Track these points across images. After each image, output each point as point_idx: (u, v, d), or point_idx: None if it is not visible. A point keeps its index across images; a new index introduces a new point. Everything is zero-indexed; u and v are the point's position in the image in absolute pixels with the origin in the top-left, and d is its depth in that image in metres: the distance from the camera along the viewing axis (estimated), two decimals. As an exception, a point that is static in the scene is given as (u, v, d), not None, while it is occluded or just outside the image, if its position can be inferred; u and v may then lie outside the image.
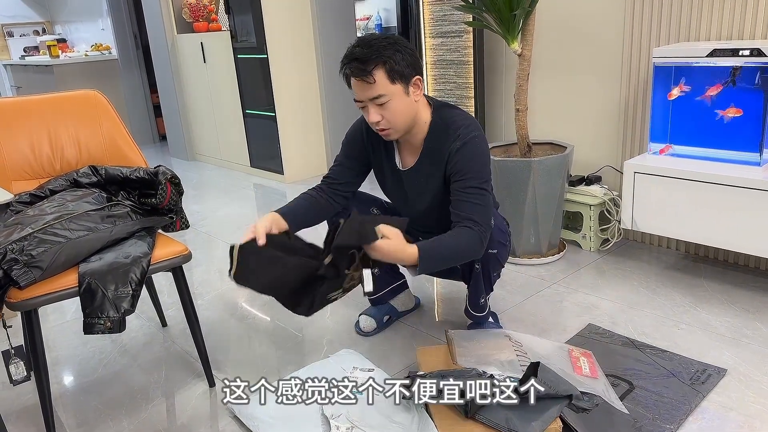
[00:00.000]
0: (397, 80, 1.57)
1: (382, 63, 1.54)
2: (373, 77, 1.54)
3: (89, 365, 2.03)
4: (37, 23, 7.12)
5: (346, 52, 1.58)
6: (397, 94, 1.58)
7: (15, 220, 1.61)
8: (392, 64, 1.55)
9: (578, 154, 2.76)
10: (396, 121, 1.62)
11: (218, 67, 4.45)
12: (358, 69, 1.54)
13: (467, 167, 1.63)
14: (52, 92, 2.00)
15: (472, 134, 1.65)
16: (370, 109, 1.60)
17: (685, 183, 2.08)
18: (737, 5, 2.16)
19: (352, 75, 1.57)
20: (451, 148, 1.65)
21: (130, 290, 1.55)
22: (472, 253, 1.62)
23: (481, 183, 1.63)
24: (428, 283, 2.43)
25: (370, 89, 1.56)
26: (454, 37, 3.01)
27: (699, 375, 1.71)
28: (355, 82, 1.57)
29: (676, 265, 2.44)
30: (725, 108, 2.06)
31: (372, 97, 1.57)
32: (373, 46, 1.54)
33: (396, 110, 1.60)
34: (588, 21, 2.61)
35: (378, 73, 1.54)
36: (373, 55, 1.53)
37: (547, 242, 2.53)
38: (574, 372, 1.66)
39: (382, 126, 1.63)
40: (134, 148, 2.00)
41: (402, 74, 1.57)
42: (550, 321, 2.08)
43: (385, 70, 1.54)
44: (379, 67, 1.54)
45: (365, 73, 1.54)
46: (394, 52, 1.55)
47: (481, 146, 1.66)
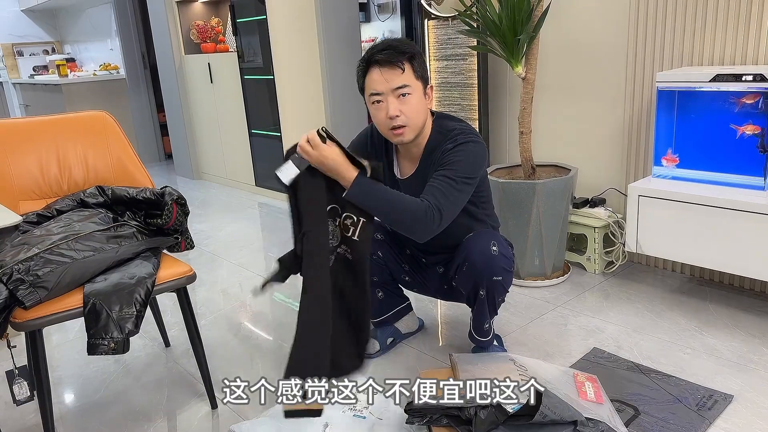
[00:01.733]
0: (419, 78, 1.66)
1: (413, 57, 1.64)
2: (403, 65, 1.62)
3: (92, 385, 2.02)
4: (46, 43, 7.22)
5: (373, 46, 1.66)
6: (418, 90, 1.66)
7: (22, 240, 1.62)
8: (420, 63, 1.66)
9: (582, 177, 2.77)
10: (413, 117, 1.66)
11: (225, 88, 4.49)
12: (392, 54, 1.62)
13: (450, 161, 1.64)
14: (60, 111, 2.02)
15: (468, 139, 1.67)
16: (390, 102, 1.63)
17: (689, 207, 2.08)
18: (740, 30, 2.18)
19: (381, 62, 1.62)
20: (444, 149, 1.68)
21: (134, 311, 1.55)
22: (410, 220, 1.57)
23: (456, 175, 1.62)
24: (432, 305, 2.43)
25: (398, 78, 1.62)
26: (458, 60, 3.04)
27: (705, 401, 1.69)
28: (382, 70, 1.62)
29: (681, 288, 2.43)
30: (743, 124, 2.06)
31: (397, 86, 1.62)
32: (404, 42, 1.67)
33: (415, 106, 1.65)
34: (591, 45, 2.64)
35: (408, 64, 1.63)
36: (407, 48, 1.64)
37: (551, 264, 2.52)
38: (578, 397, 1.64)
39: (400, 122, 1.65)
40: (141, 169, 2.01)
41: (424, 75, 1.68)
42: (554, 344, 2.07)
43: (413, 65, 1.64)
44: (410, 60, 1.64)
45: (398, 60, 1.62)
46: (420, 56, 1.68)
47: (474, 150, 1.67)
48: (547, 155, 2.87)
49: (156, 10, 4.86)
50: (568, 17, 2.68)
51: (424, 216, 1.56)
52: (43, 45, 7.21)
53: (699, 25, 2.27)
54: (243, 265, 3.05)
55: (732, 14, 2.18)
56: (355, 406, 1.66)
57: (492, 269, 1.72)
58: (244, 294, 2.71)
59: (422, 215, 1.56)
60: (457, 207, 1.65)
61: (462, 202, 1.66)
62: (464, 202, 1.67)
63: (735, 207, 1.97)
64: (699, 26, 2.27)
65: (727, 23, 2.20)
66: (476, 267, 1.72)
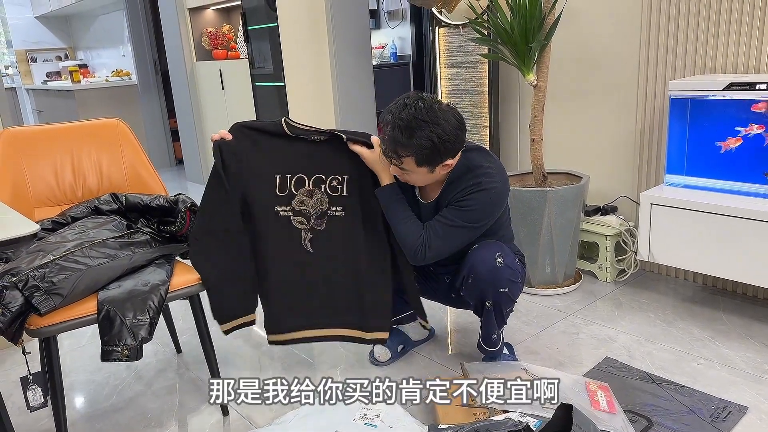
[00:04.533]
0: (423, 165, 1.65)
1: (413, 154, 1.62)
2: (401, 161, 1.65)
3: (104, 391, 2.03)
4: (60, 49, 7.30)
5: (391, 117, 1.62)
6: (420, 172, 1.67)
7: (37, 247, 1.63)
8: (422, 156, 1.62)
9: (594, 185, 2.76)
10: (414, 182, 1.75)
11: (236, 94, 4.52)
12: (392, 149, 1.63)
13: (464, 203, 1.68)
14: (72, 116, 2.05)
15: (491, 184, 1.68)
16: (392, 167, 1.71)
17: (702, 215, 2.07)
18: (753, 38, 2.17)
19: (386, 142, 1.65)
20: (467, 184, 1.69)
21: (147, 318, 1.56)
22: (403, 242, 1.74)
23: (462, 220, 1.68)
24: (443, 312, 2.42)
25: (397, 161, 1.67)
26: (469, 68, 3.04)
27: (719, 412, 1.68)
28: (386, 146, 1.67)
29: (694, 297, 2.42)
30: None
31: (396, 165, 1.68)
32: (414, 135, 1.59)
33: (416, 179, 1.72)
34: (603, 53, 2.64)
35: (407, 159, 1.64)
36: (407, 146, 1.61)
37: (563, 272, 2.52)
38: (591, 407, 1.63)
39: (403, 178, 1.74)
40: (155, 176, 2.03)
41: (431, 161, 1.64)
42: (566, 354, 2.06)
43: (414, 160, 1.64)
44: (409, 156, 1.63)
45: (396, 156, 1.64)
46: (430, 144, 1.59)
47: (492, 199, 1.69)
48: (559, 163, 2.86)
49: (168, 17, 4.91)
50: (580, 25, 2.68)
51: (413, 248, 1.72)
52: (56, 51, 7.29)
53: (711, 34, 2.27)
54: (253, 271, 3.05)
55: (745, 23, 2.17)
56: (366, 414, 1.66)
57: (497, 281, 1.72)
58: (255, 300, 2.71)
59: (411, 246, 1.73)
60: (451, 248, 1.73)
61: (459, 244, 1.73)
62: (464, 243, 1.74)
63: (748, 216, 1.96)
64: (711, 34, 2.27)
65: (740, 32, 2.19)
66: (481, 279, 1.72)
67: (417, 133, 1.58)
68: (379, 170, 1.76)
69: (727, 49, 2.24)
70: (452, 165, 1.69)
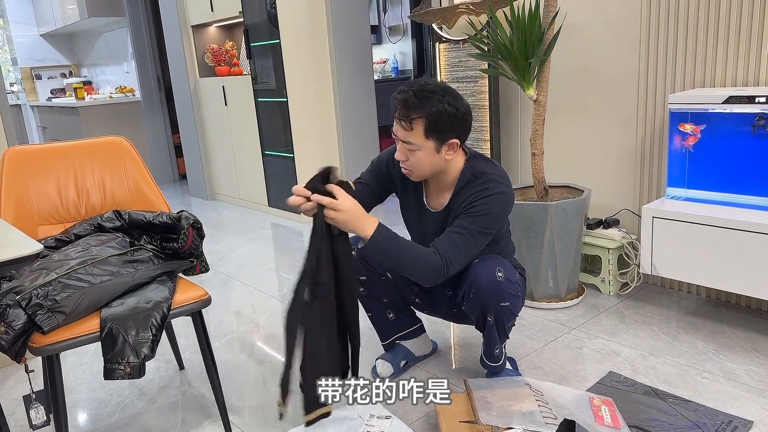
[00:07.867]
0: (431, 137, 1.64)
1: (425, 117, 1.62)
2: (411, 125, 1.63)
3: (107, 409, 2.03)
4: (64, 66, 7.36)
5: (404, 86, 1.66)
6: (426, 148, 1.66)
7: (40, 265, 1.64)
8: (433, 122, 1.62)
9: (596, 198, 2.76)
10: (417, 168, 1.71)
11: (239, 110, 4.55)
12: (403, 111, 1.63)
13: (475, 210, 1.68)
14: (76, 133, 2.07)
15: (498, 189, 1.69)
16: (399, 147, 1.71)
17: (703, 228, 2.07)
18: (752, 51, 2.18)
19: (397, 111, 1.65)
20: (474, 191, 1.70)
21: (150, 335, 1.56)
22: (422, 272, 1.65)
23: (476, 228, 1.67)
24: (445, 327, 2.42)
25: (405, 133, 1.66)
26: (469, 82, 3.06)
27: (724, 427, 1.67)
28: (396, 118, 1.67)
29: (697, 310, 2.41)
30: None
31: (403, 140, 1.67)
32: (427, 98, 1.61)
33: (419, 160, 1.69)
34: (603, 67, 2.65)
35: (417, 123, 1.63)
36: (419, 108, 1.62)
37: (565, 286, 2.51)
38: (595, 422, 1.62)
39: (405, 166, 1.73)
40: (158, 193, 2.04)
41: (439, 133, 1.64)
42: (569, 368, 2.05)
43: (424, 125, 1.63)
44: (420, 120, 1.62)
45: (407, 119, 1.63)
46: (442, 110, 1.62)
47: (502, 203, 1.69)
48: (560, 176, 2.87)
49: (171, 34, 4.96)
50: (580, 39, 2.70)
51: (436, 270, 1.64)
52: (61, 68, 7.35)
53: (711, 47, 2.28)
54: (256, 286, 3.06)
55: (744, 36, 2.18)
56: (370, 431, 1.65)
57: (498, 295, 1.72)
58: (258, 316, 2.72)
59: (433, 272, 1.64)
60: (470, 258, 1.72)
61: (475, 252, 1.72)
62: (478, 251, 1.72)
63: (750, 228, 1.96)
64: (711, 48, 2.28)
65: (739, 45, 2.20)
66: (482, 293, 1.72)
67: (431, 97, 1.62)
68: (355, 221, 1.56)
69: (726, 63, 2.25)
70: (454, 156, 1.71)
